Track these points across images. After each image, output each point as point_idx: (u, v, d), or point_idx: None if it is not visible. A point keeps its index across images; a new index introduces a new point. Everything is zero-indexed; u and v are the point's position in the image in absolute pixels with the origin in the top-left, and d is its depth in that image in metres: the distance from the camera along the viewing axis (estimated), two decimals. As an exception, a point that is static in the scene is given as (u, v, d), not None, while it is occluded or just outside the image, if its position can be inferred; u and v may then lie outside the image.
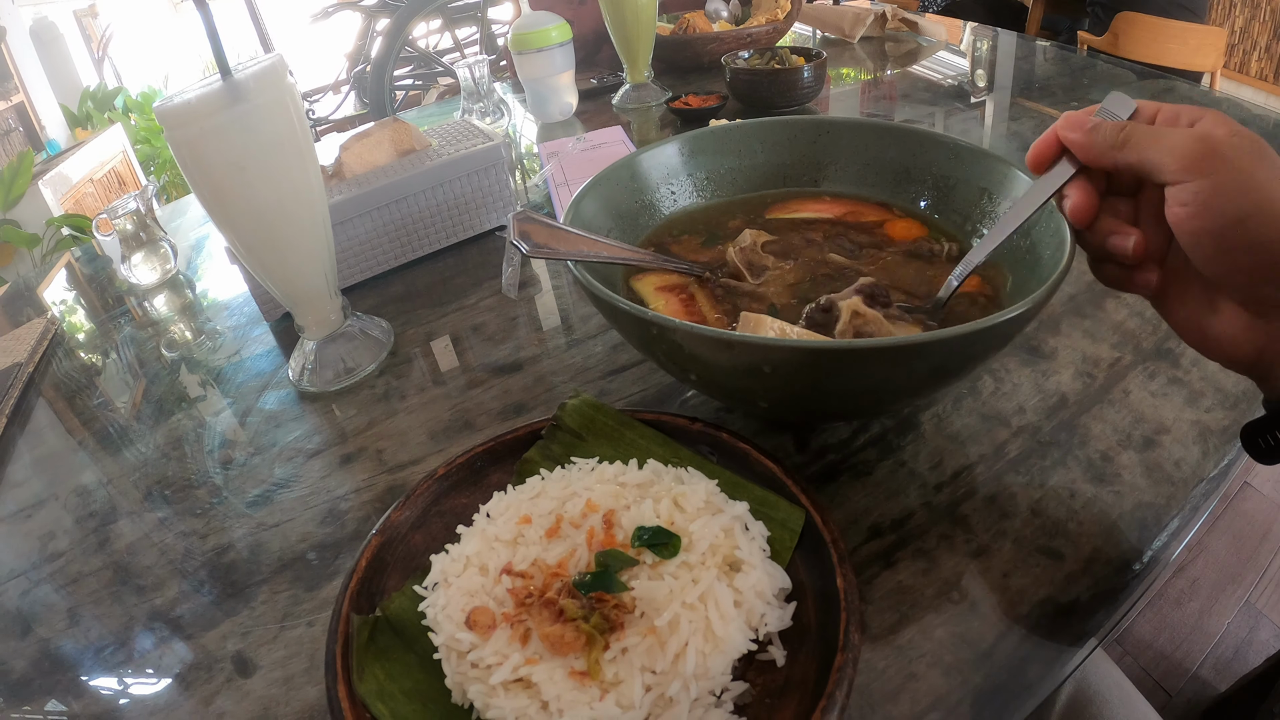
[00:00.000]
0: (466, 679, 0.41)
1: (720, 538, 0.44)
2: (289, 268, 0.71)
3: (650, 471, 0.49)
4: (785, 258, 0.67)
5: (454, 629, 0.43)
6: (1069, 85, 1.31)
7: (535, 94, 1.33)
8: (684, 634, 0.40)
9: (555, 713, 0.39)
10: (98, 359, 0.97)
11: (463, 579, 0.45)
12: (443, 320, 0.86)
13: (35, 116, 3.61)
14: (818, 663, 0.41)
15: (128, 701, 0.53)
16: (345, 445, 0.70)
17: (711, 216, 0.75)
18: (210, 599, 0.59)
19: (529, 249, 0.54)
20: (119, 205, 1.09)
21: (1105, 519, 0.51)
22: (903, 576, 0.48)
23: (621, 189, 0.71)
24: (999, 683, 0.42)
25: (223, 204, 0.67)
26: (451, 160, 0.91)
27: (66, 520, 0.69)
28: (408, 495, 0.52)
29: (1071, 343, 0.67)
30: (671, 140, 0.74)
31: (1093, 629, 0.44)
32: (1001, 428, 0.58)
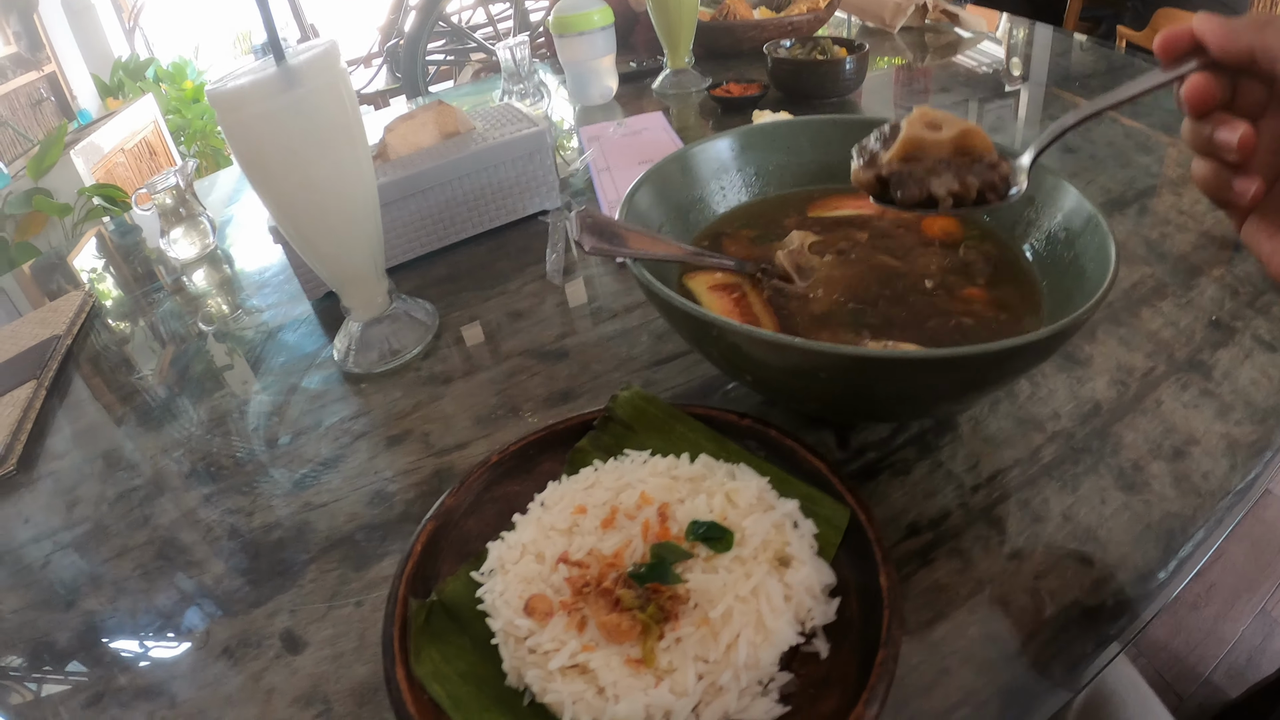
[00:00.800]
0: (524, 664, 0.43)
1: (772, 534, 0.45)
2: (337, 250, 0.72)
3: (702, 466, 0.50)
4: (832, 258, 0.67)
5: (512, 615, 0.44)
6: (1107, 83, 1.30)
7: (575, 77, 1.33)
8: (736, 625, 0.41)
9: (611, 698, 0.40)
10: (137, 333, 0.99)
11: (519, 566, 0.46)
12: (486, 304, 0.87)
13: (67, 86, 3.63)
14: (859, 657, 0.42)
15: (175, 675, 0.54)
16: (391, 427, 0.71)
17: (760, 213, 0.75)
18: (257, 577, 0.60)
19: (590, 247, 0.55)
20: (158, 180, 1.10)
21: (1134, 527, 0.51)
22: (939, 575, 0.49)
23: (673, 184, 0.71)
24: (1026, 682, 0.43)
25: (274, 187, 0.68)
26: (496, 145, 0.92)
27: (109, 494, 0.71)
28: (461, 481, 0.53)
29: (1107, 350, 0.67)
30: (724, 135, 0.75)
31: (1116, 634, 0.45)
32: (1036, 432, 0.59)
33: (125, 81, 3.74)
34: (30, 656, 0.57)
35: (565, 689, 0.41)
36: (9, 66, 3.34)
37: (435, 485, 0.64)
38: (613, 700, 0.40)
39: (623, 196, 0.99)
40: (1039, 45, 1.55)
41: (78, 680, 0.55)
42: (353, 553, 0.60)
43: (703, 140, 0.74)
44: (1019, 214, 0.65)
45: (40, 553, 0.66)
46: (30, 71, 3.44)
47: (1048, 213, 0.62)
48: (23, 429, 0.80)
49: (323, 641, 0.54)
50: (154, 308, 1.03)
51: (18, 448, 0.77)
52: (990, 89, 1.34)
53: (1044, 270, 0.61)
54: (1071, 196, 0.60)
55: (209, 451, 0.73)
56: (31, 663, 0.57)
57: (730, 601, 0.42)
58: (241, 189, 1.42)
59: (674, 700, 0.39)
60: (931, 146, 0.51)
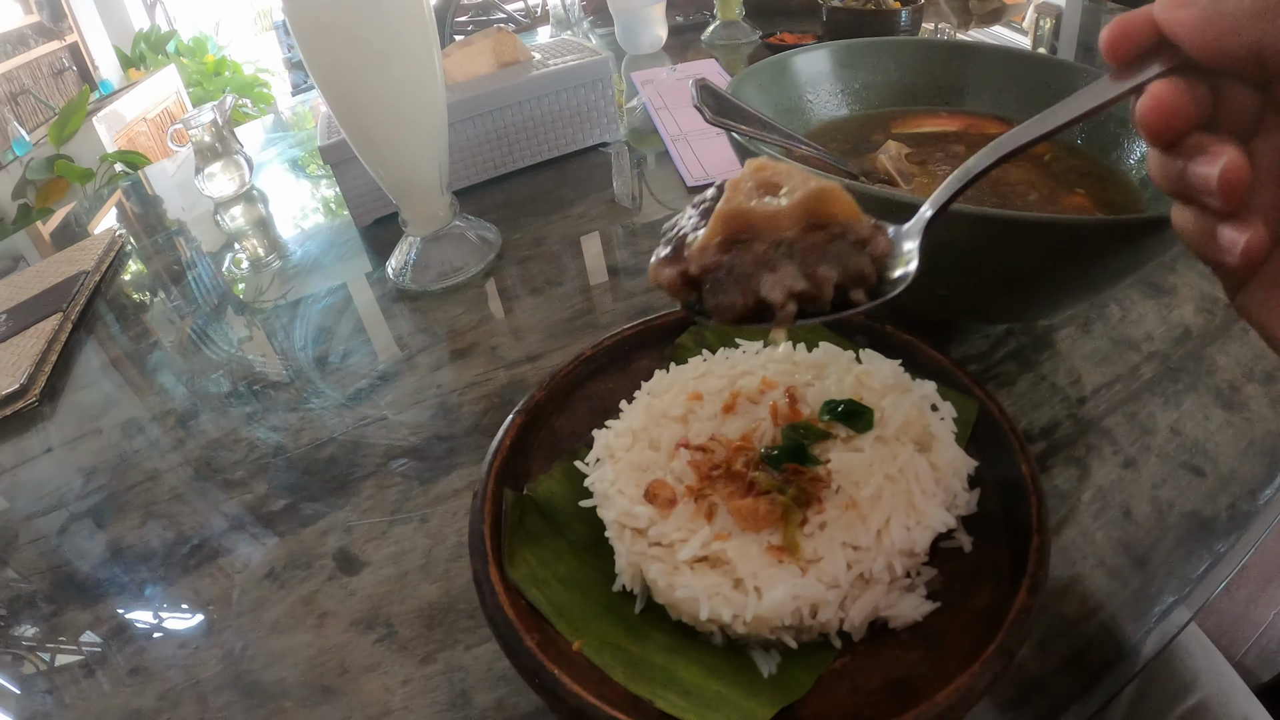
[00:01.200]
0: (644, 558, 0.37)
1: (913, 414, 0.40)
2: (403, 154, 0.67)
3: (823, 353, 0.45)
4: (930, 166, 0.64)
5: (629, 504, 0.39)
6: None
7: (625, 25, 1.29)
8: (886, 508, 0.37)
9: (751, 591, 0.35)
10: (169, 266, 0.94)
11: (632, 454, 0.41)
12: (550, 227, 0.82)
13: (89, 56, 3.60)
14: (1007, 548, 0.37)
15: (210, 602, 0.49)
16: (454, 341, 0.66)
17: (846, 129, 0.71)
18: (307, 495, 0.55)
19: (711, 116, 0.50)
20: (194, 116, 1.05)
21: (1238, 442, 0.50)
22: (1058, 481, 0.47)
23: (768, 88, 0.68)
24: (1157, 588, 0.42)
25: (342, 81, 0.63)
26: (560, 70, 0.87)
27: (140, 419, 0.66)
28: (551, 377, 0.48)
29: (1188, 281, 0.64)
30: (820, 46, 0.71)
31: (1227, 548, 0.44)
32: (1132, 352, 0.57)
33: (147, 53, 3.71)
34: (51, 587, 0.52)
35: (698, 583, 0.35)
36: (31, 35, 3.31)
37: (507, 397, 0.59)
38: (753, 594, 0.35)
39: (682, 131, 0.96)
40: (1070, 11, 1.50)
41: (102, 611, 0.50)
42: (416, 466, 0.55)
43: (802, 48, 0.71)
44: (1110, 135, 0.62)
45: (63, 482, 0.61)
46: (52, 41, 3.41)
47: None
48: (46, 360, 0.75)
49: (383, 560, 0.49)
50: (190, 242, 0.99)
51: (40, 379, 0.73)
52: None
53: (1144, 181, 0.58)
54: None
55: (251, 372, 0.69)
56: (53, 592, 0.52)
57: (879, 482, 0.37)
58: (273, 138, 1.38)
59: (823, 591, 0.35)
60: (765, 222, 0.32)
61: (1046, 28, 1.54)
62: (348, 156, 0.80)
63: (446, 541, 0.49)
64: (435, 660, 0.43)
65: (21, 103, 3.14)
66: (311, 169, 1.16)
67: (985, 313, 0.57)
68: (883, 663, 0.35)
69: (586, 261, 0.76)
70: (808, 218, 0.32)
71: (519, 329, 0.67)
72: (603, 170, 0.92)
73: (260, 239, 0.97)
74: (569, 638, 0.37)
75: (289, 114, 1.58)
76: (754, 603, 0.34)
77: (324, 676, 0.43)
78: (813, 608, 0.35)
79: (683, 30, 1.47)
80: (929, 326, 0.54)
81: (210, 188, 1.06)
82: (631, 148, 0.96)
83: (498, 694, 0.40)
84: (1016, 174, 0.62)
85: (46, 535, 0.57)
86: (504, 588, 0.38)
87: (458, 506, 0.51)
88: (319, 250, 0.87)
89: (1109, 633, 0.40)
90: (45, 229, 1.24)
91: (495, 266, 0.76)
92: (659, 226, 0.77)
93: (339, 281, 0.80)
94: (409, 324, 0.70)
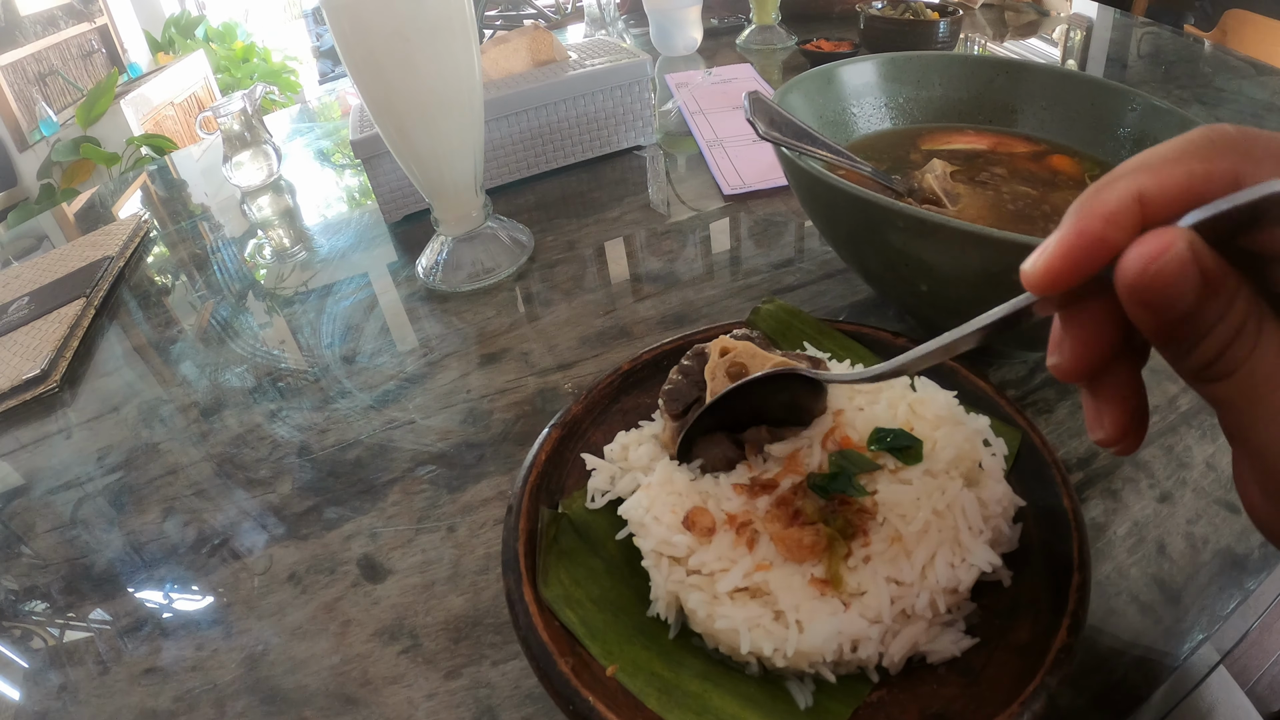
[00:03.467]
0: (683, 587, 0.36)
1: (965, 448, 0.39)
2: (437, 151, 0.66)
3: (880, 381, 0.44)
4: (973, 186, 0.63)
5: (667, 532, 0.37)
6: (1189, 72, 1.21)
7: (660, 26, 1.27)
8: (932, 544, 0.36)
9: (793, 624, 0.34)
10: (195, 254, 0.94)
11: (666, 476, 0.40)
12: (584, 231, 0.81)
13: (118, 39, 3.62)
14: (1047, 583, 0.36)
15: (230, 603, 0.48)
16: (485, 345, 0.65)
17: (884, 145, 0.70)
18: (332, 498, 0.54)
19: (764, 131, 0.49)
20: (223, 104, 1.05)
21: None
22: (1094, 513, 0.47)
23: (814, 97, 0.67)
24: (1189, 625, 0.41)
25: (379, 76, 0.62)
26: (598, 71, 0.86)
27: (162, 411, 0.65)
28: (589, 390, 0.47)
29: None
30: (869, 58, 0.71)
31: (1257, 585, 0.43)
32: (1170, 382, 0.56)
33: (176, 38, 3.72)
34: (67, 580, 0.52)
35: (738, 614, 0.34)
36: (61, 16, 3.33)
37: (539, 405, 0.58)
38: (794, 627, 0.34)
39: (719, 137, 0.95)
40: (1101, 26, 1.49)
41: (118, 607, 0.49)
42: (444, 474, 0.54)
43: (850, 60, 0.70)
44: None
45: (81, 472, 0.60)
46: (82, 23, 3.42)
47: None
48: (68, 346, 0.75)
49: (409, 569, 0.48)
50: (215, 231, 0.98)
51: (62, 365, 0.72)
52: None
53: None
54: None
55: (276, 367, 0.68)
56: (68, 586, 0.51)
57: (926, 516, 0.36)
58: (300, 129, 1.37)
59: (865, 627, 0.33)
60: None
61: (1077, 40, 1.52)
62: (380, 151, 0.79)
63: (474, 553, 0.48)
64: (461, 675, 0.42)
65: (50, 83, 3.16)
66: (337, 158, 1.15)
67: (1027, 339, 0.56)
68: (919, 697, 0.34)
69: (619, 268, 0.75)
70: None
71: (550, 335, 0.65)
72: (637, 174, 0.91)
73: (287, 230, 0.96)
74: (602, 662, 0.36)
75: (316, 103, 1.57)
76: (795, 636, 0.33)
77: (346, 686, 0.42)
78: (854, 643, 0.34)
79: (717, 33, 1.45)
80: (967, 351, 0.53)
81: (238, 176, 1.06)
82: (665, 151, 0.95)
83: (525, 713, 0.39)
84: (1060, 193, 0.61)
85: (64, 525, 0.56)
86: (538, 608, 0.37)
87: (486, 517, 0.50)
88: (346, 244, 0.86)
89: (1141, 669, 0.39)
90: (70, 210, 1.24)
91: (527, 269, 0.75)
92: (693, 236, 0.77)
93: (366, 277, 0.79)
94: (438, 325, 0.69)
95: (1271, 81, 1.14)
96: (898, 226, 0.45)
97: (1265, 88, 1.09)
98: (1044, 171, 0.64)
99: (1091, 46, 1.40)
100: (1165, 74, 1.17)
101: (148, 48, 3.73)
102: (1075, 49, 1.46)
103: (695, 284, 0.70)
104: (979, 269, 0.44)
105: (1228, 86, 1.05)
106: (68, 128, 2.91)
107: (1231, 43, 2.26)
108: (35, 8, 3.12)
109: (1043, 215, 0.58)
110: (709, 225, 0.81)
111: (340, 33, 0.60)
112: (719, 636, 0.35)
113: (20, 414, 0.68)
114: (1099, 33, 1.48)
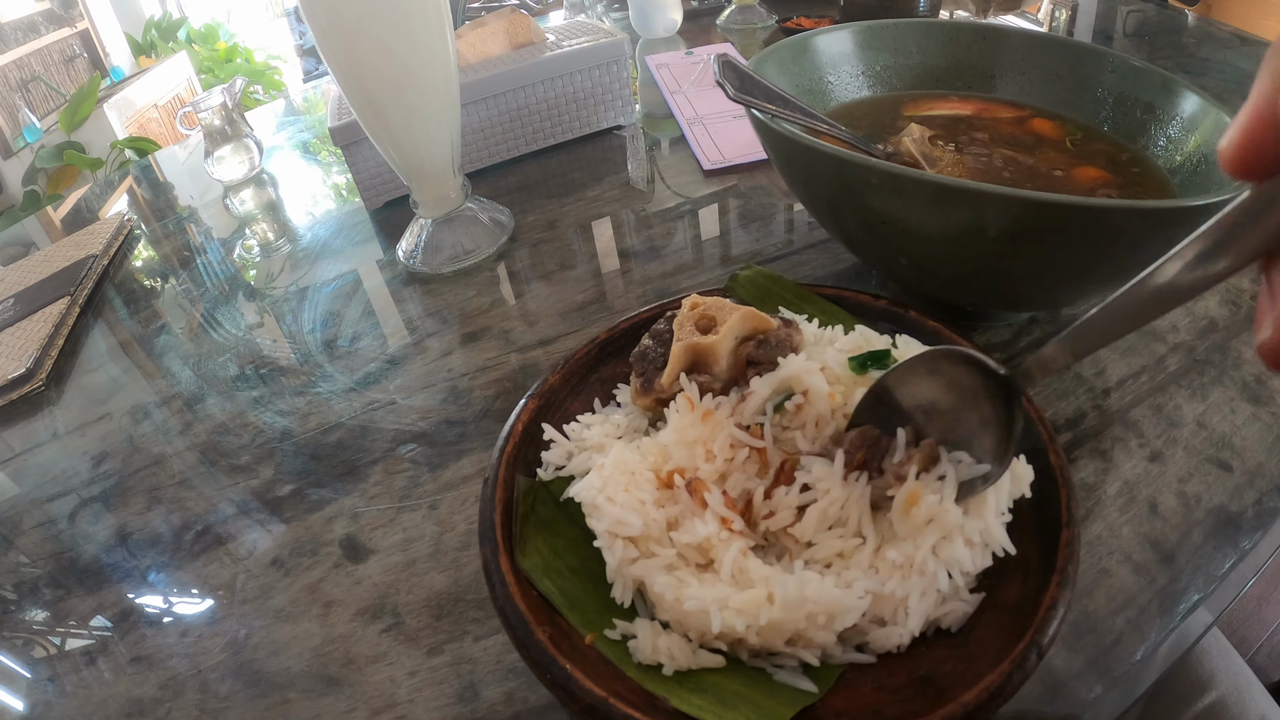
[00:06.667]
0: (647, 570, 0.36)
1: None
2: (413, 133, 0.65)
3: (859, 336, 0.44)
4: (954, 149, 0.62)
5: (620, 511, 0.37)
6: (1174, 44, 1.20)
7: (640, 9, 1.26)
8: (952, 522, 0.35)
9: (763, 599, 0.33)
10: (177, 250, 0.93)
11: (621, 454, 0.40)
12: (564, 210, 0.80)
13: (100, 43, 3.59)
14: (1036, 542, 0.36)
15: (214, 589, 0.48)
16: (465, 325, 0.65)
17: (863, 113, 0.69)
18: (313, 480, 0.54)
19: (733, 93, 0.49)
20: (203, 99, 1.04)
21: (1266, 437, 0.49)
22: (1084, 474, 0.46)
23: (790, 66, 0.66)
24: (1183, 585, 0.41)
25: (354, 60, 0.62)
26: (575, 51, 0.85)
27: (146, 402, 0.65)
28: (565, 360, 0.47)
29: None
30: (843, 26, 0.69)
31: (1252, 545, 0.43)
32: (1158, 343, 0.56)
33: (157, 41, 3.69)
34: (54, 573, 0.51)
35: (707, 594, 0.34)
36: (41, 22, 3.30)
37: (520, 381, 0.58)
38: (765, 601, 0.33)
39: (699, 115, 0.94)
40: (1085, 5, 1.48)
41: (104, 598, 0.49)
42: (426, 452, 0.54)
43: (824, 30, 0.69)
44: (1138, 121, 0.61)
45: (68, 467, 0.60)
46: (63, 28, 3.39)
47: (1168, 116, 0.58)
48: (53, 344, 0.74)
49: (391, 548, 0.48)
50: (198, 226, 0.97)
51: (47, 363, 0.72)
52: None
53: (1172, 170, 0.56)
54: (1192, 100, 0.56)
55: (258, 355, 0.67)
56: (55, 580, 0.51)
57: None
58: (284, 123, 1.36)
59: (841, 595, 0.33)
60: (709, 351, 0.42)
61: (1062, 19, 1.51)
62: (358, 138, 0.78)
63: (456, 529, 0.48)
64: (443, 651, 0.41)
65: (33, 89, 3.14)
66: (323, 155, 1.14)
67: (1009, 300, 0.56)
68: (907, 659, 0.34)
69: (600, 245, 0.74)
70: (737, 337, 0.43)
71: (531, 313, 0.65)
72: (617, 153, 0.90)
73: (270, 223, 0.95)
74: (581, 631, 0.35)
75: (300, 100, 1.56)
76: (766, 609, 0.33)
77: (329, 667, 0.42)
78: (829, 615, 0.33)
79: (697, 14, 1.44)
80: (951, 312, 0.53)
81: (219, 171, 1.05)
82: (646, 131, 0.95)
83: (507, 687, 0.39)
84: (1037, 156, 0.61)
85: (51, 520, 0.56)
86: (515, 578, 0.36)
87: (468, 493, 0.50)
88: (329, 234, 0.86)
89: (1135, 630, 0.39)
90: (56, 215, 1.23)
91: (507, 249, 0.75)
92: (674, 211, 0.76)
93: (349, 265, 0.78)
94: (419, 307, 0.69)
95: (1257, 52, 1.13)
96: (872, 184, 0.44)
97: (1252, 58, 1.08)
98: (1026, 136, 0.64)
99: (1077, 24, 1.39)
100: (1150, 46, 1.16)
101: (130, 51, 3.70)
102: (1060, 26, 1.45)
103: (676, 258, 0.70)
104: (957, 224, 0.43)
105: (1213, 57, 1.04)
106: (52, 133, 2.89)
107: (1216, 15, 2.25)
108: (15, 14, 3.10)
109: (1026, 176, 0.58)
110: (690, 201, 0.80)
111: (315, 19, 0.60)
112: (688, 621, 0.34)
113: (7, 414, 0.68)
114: (1084, 9, 1.47)
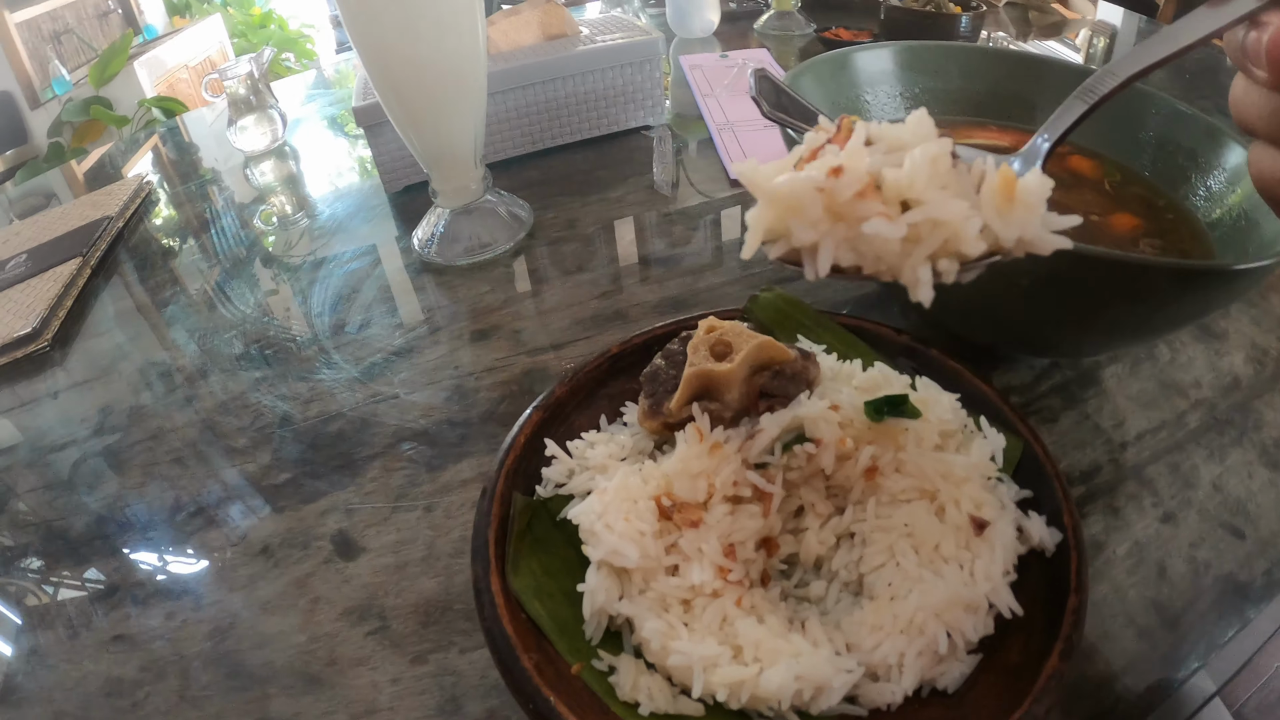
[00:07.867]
0: (636, 610, 0.35)
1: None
2: (439, 121, 0.64)
3: (878, 375, 0.42)
4: None
5: (619, 541, 0.36)
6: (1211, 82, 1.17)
7: (678, 6, 1.25)
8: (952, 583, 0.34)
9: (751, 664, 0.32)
10: (193, 218, 0.92)
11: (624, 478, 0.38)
12: (585, 209, 0.79)
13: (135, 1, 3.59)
14: (1041, 602, 0.35)
15: (202, 573, 0.47)
16: (476, 321, 0.64)
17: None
18: (310, 470, 0.53)
19: (768, 110, 0.48)
20: (230, 68, 1.03)
21: None
22: (1094, 530, 0.45)
23: (827, 82, 0.64)
24: (1185, 653, 0.40)
25: (379, 38, 0.60)
26: (608, 48, 0.84)
27: (149, 374, 0.64)
28: (575, 372, 0.46)
29: (1240, 328, 0.61)
30: (884, 45, 0.68)
31: (1257, 615, 0.42)
32: (1180, 398, 0.54)
33: (193, 2, 3.69)
34: (42, 542, 0.51)
35: (695, 650, 0.33)
36: (78, -25, 3.31)
37: (526, 385, 0.57)
38: (754, 666, 0.32)
39: (729, 120, 0.93)
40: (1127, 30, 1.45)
41: (91, 572, 0.48)
42: (425, 451, 0.53)
43: (865, 45, 0.67)
44: (1179, 168, 0.59)
45: (65, 433, 0.59)
46: (100, -18, 3.40)
47: (1210, 166, 0.56)
48: (61, 305, 0.74)
49: (383, 548, 0.47)
50: (217, 195, 0.96)
51: (54, 324, 0.71)
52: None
53: (1210, 224, 0.55)
54: (1237, 153, 0.54)
55: (265, 334, 0.66)
56: (43, 550, 0.50)
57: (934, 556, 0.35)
58: (312, 95, 1.35)
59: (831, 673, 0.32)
60: (722, 379, 0.39)
61: (1100, 46, 1.49)
62: (382, 119, 0.77)
63: (450, 535, 0.47)
64: (427, 661, 0.41)
65: (64, 42, 3.14)
66: (350, 128, 1.13)
67: (1032, 344, 0.55)
68: (899, 717, 0.33)
69: (619, 248, 0.73)
70: (752, 366, 0.40)
71: (544, 314, 0.64)
72: (643, 154, 0.89)
73: (288, 196, 0.94)
74: (568, 659, 0.34)
75: (332, 71, 1.55)
76: (752, 679, 0.32)
77: (311, 665, 0.41)
78: (816, 690, 0.32)
79: (735, 17, 1.43)
80: (970, 351, 0.51)
81: (241, 140, 1.04)
82: (674, 133, 0.93)
83: (489, 704, 0.38)
84: (1074, 196, 0.59)
85: (44, 486, 0.55)
86: (505, 599, 0.35)
87: (465, 498, 0.49)
88: (346, 213, 0.85)
89: (1133, 697, 0.38)
90: (80, 169, 1.23)
91: (525, 245, 0.74)
92: (698, 217, 0.75)
93: (363, 247, 0.77)
94: (431, 299, 0.67)
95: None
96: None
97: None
98: (1064, 174, 0.62)
99: (1115, 53, 1.37)
100: (1188, 83, 1.14)
101: (164, 10, 3.70)
102: (1098, 56, 1.43)
103: (697, 269, 0.68)
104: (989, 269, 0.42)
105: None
106: (80, 87, 2.89)
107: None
108: (51, -33, 3.10)
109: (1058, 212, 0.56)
110: (715, 209, 0.79)
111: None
112: (672, 672, 0.33)
113: (9, 372, 0.67)
114: (1123, 39, 1.45)
